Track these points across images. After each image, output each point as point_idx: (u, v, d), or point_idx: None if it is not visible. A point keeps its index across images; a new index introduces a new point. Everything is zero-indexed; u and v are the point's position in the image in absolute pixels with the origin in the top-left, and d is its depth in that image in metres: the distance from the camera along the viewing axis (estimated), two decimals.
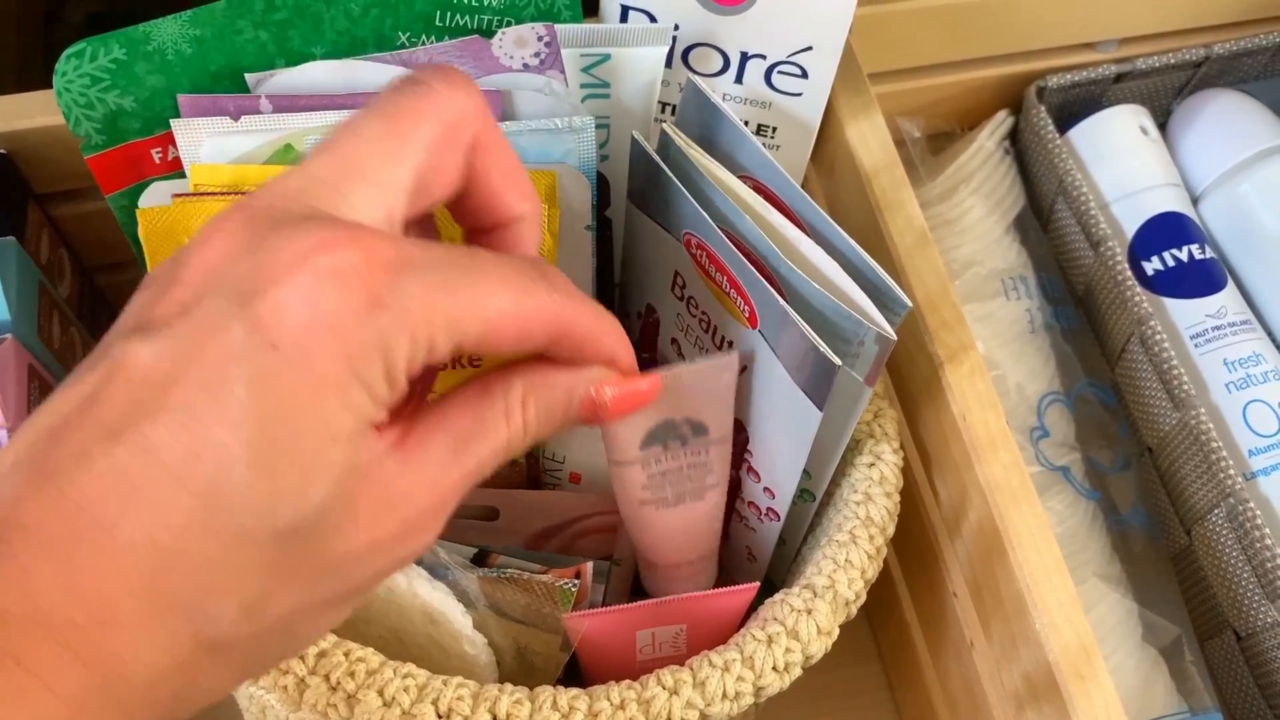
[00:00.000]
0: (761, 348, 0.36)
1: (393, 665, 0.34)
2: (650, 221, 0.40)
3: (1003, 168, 0.55)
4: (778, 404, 0.37)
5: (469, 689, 0.34)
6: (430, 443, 0.25)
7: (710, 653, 0.36)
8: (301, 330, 0.22)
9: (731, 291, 0.37)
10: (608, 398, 0.29)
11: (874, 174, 0.43)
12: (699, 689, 0.35)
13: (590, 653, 0.39)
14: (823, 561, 0.38)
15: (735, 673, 0.35)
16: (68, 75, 0.36)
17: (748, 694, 0.36)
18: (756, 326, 0.36)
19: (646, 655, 0.39)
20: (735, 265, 0.36)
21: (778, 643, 0.36)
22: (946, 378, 0.39)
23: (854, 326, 0.34)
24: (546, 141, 0.37)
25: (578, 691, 0.35)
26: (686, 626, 0.38)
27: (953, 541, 0.41)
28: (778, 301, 0.34)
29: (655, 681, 0.35)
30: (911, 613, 0.46)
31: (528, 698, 0.34)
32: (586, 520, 0.42)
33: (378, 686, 0.34)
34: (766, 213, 0.37)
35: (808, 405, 0.36)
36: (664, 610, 0.37)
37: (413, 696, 0.34)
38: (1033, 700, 0.36)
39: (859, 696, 0.50)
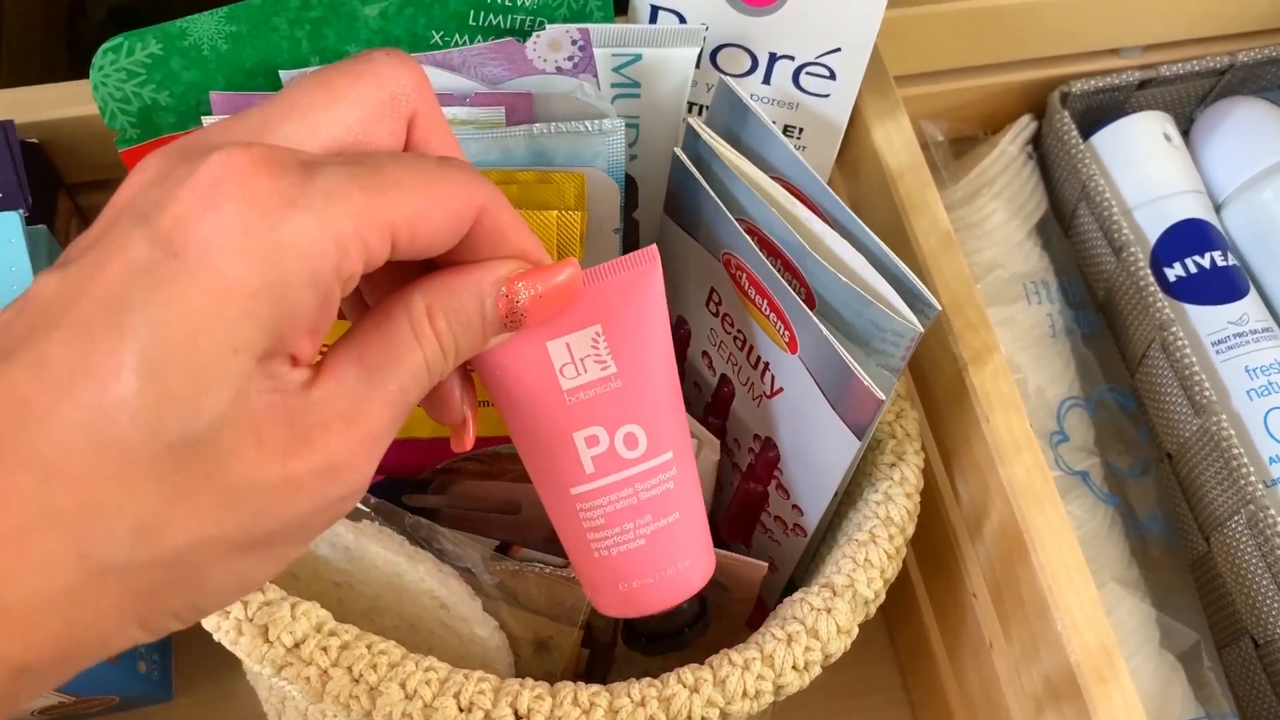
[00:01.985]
0: (800, 373, 0.37)
1: (414, 658, 0.35)
2: (687, 236, 0.40)
3: (1025, 172, 0.55)
4: (814, 429, 0.37)
5: (490, 683, 0.34)
6: (341, 374, 0.24)
7: (730, 651, 0.36)
8: (204, 237, 0.22)
9: (771, 315, 0.37)
10: (524, 296, 0.27)
11: (899, 175, 0.44)
12: (719, 687, 0.35)
13: (508, 396, 0.32)
14: (842, 560, 0.38)
15: (756, 671, 0.36)
16: (104, 69, 0.37)
17: (768, 692, 0.36)
18: (796, 352, 0.36)
19: (574, 382, 0.32)
20: (777, 290, 0.36)
21: (797, 641, 0.36)
22: (970, 379, 0.39)
23: (887, 324, 0.35)
24: (575, 144, 0.37)
25: (598, 688, 0.35)
26: (603, 326, 0.32)
27: (973, 542, 0.41)
28: (820, 330, 0.35)
29: (676, 679, 0.35)
30: (929, 613, 0.46)
31: (549, 693, 0.35)
32: None
33: (400, 679, 0.34)
34: (794, 208, 0.37)
35: (846, 435, 0.36)
36: (571, 313, 0.31)
37: (434, 690, 0.34)
38: (1053, 701, 0.36)
39: (874, 696, 0.51)
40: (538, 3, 0.38)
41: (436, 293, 0.26)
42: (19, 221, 0.41)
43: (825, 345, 0.35)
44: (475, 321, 0.27)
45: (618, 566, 0.34)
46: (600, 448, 0.33)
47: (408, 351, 0.25)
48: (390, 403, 0.25)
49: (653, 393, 0.33)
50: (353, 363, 0.25)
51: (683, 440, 0.34)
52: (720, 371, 0.42)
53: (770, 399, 0.39)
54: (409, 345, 0.25)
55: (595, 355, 0.32)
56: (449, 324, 0.26)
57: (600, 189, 0.37)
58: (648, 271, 0.32)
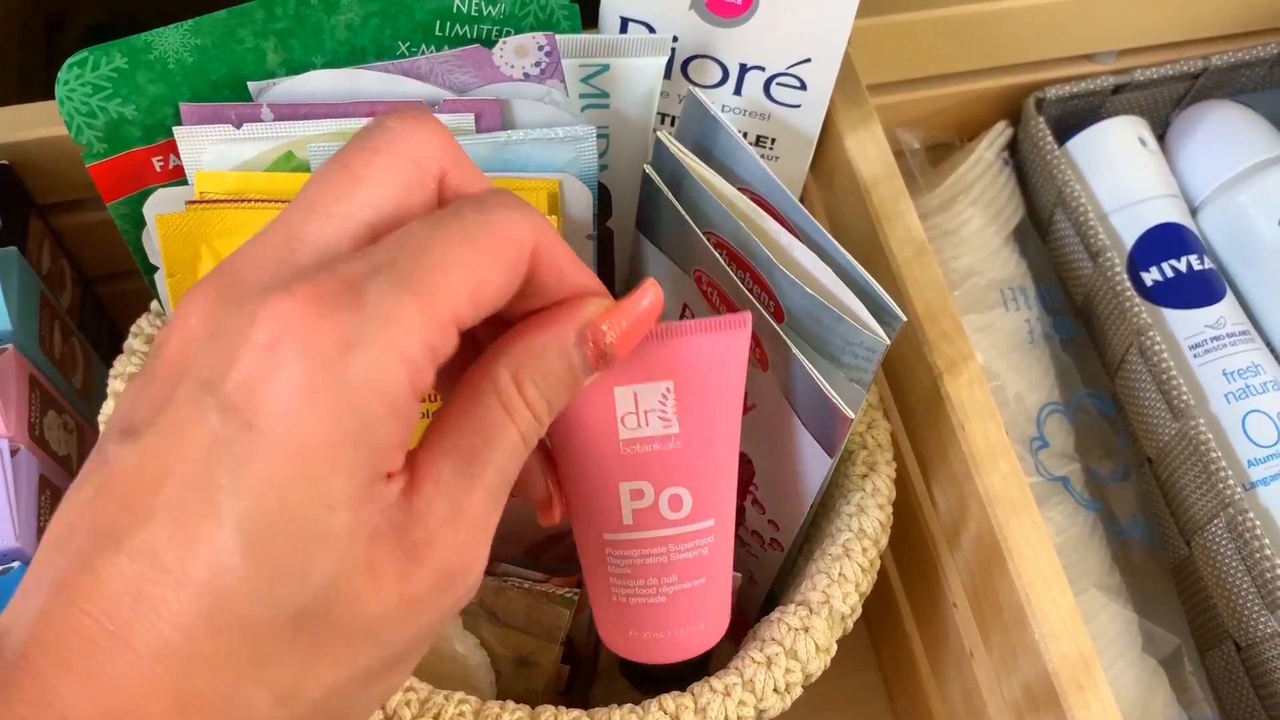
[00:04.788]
0: (772, 391, 0.36)
1: (444, 695, 0.34)
2: (659, 253, 0.40)
3: (1001, 179, 0.55)
4: (788, 446, 0.37)
5: (470, 705, 0.34)
6: (437, 473, 0.24)
7: (710, 678, 0.36)
8: (274, 403, 0.21)
9: None
10: (611, 337, 0.26)
11: (873, 185, 0.44)
12: (700, 714, 0.35)
13: (565, 432, 0.31)
14: (816, 576, 0.38)
15: (737, 697, 0.35)
16: (69, 84, 0.36)
17: (749, 717, 0.35)
18: (767, 370, 0.36)
19: (631, 433, 0.31)
20: (746, 309, 0.36)
21: (777, 664, 0.36)
22: (945, 388, 0.39)
23: (854, 337, 0.34)
24: (547, 151, 0.37)
25: (579, 712, 0.35)
26: (675, 384, 0.31)
27: (952, 552, 0.41)
28: (790, 349, 0.34)
29: (657, 706, 0.35)
30: (911, 623, 0.46)
31: (529, 715, 0.34)
32: None
33: (432, 713, 0.34)
34: (762, 221, 0.37)
35: (819, 451, 0.36)
36: (645, 356, 0.30)
37: (414, 711, 0.34)
38: (1032, 710, 0.36)
39: (858, 707, 0.50)
40: (504, 13, 0.38)
41: (521, 358, 0.25)
42: None
43: (795, 364, 0.35)
44: (565, 377, 0.26)
45: (633, 615, 0.33)
46: (643, 502, 0.32)
47: (501, 431, 0.24)
48: (491, 491, 0.24)
49: (711, 460, 0.32)
50: (447, 456, 0.24)
51: (728, 508, 0.33)
52: None
53: (745, 414, 0.39)
54: (502, 424, 0.24)
55: (660, 411, 0.31)
56: (539, 389, 0.25)
57: (574, 196, 0.37)
58: (735, 337, 0.31)
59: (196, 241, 0.34)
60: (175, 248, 0.35)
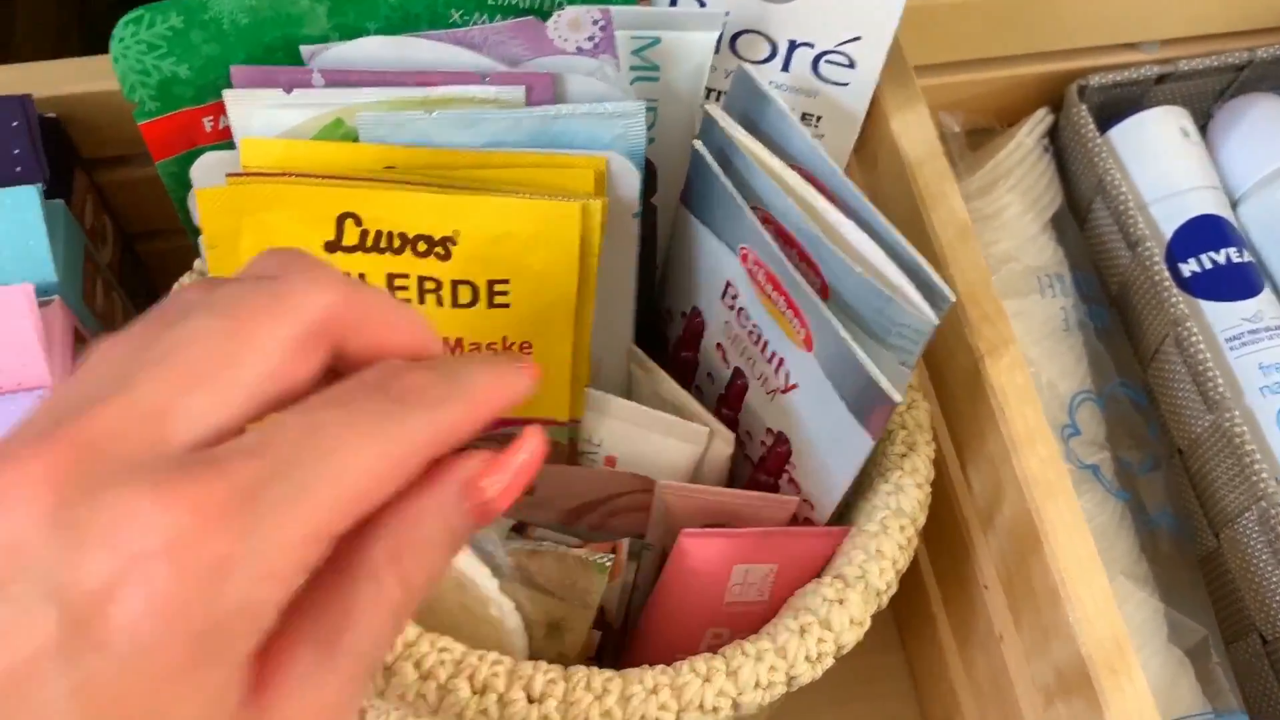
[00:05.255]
0: (815, 371, 0.36)
1: (429, 637, 0.35)
2: (703, 228, 0.40)
3: (1041, 165, 0.55)
4: (828, 427, 0.37)
5: (504, 665, 0.35)
6: (294, 663, 0.21)
7: (743, 642, 0.36)
8: (134, 624, 0.19)
9: (788, 313, 0.37)
10: (493, 494, 0.24)
11: (917, 165, 0.44)
12: (732, 677, 0.35)
13: (684, 583, 0.39)
14: (853, 552, 0.38)
15: (768, 662, 0.35)
16: (124, 41, 0.37)
17: (780, 683, 0.36)
18: (812, 350, 0.36)
19: (734, 596, 0.39)
20: (793, 289, 0.36)
21: (810, 633, 0.36)
22: (986, 370, 0.39)
23: (901, 317, 0.35)
24: (595, 126, 0.37)
25: (611, 673, 0.35)
26: (778, 567, 0.38)
27: (985, 534, 0.41)
28: (837, 330, 0.34)
29: (689, 668, 0.35)
30: (939, 604, 0.46)
31: (562, 676, 0.35)
32: (621, 498, 0.42)
33: (414, 659, 0.34)
34: (811, 197, 0.37)
35: (860, 433, 0.36)
36: (764, 544, 0.38)
37: (449, 670, 0.34)
38: (1063, 693, 0.36)
39: (880, 685, 0.51)
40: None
41: (396, 533, 0.22)
42: (37, 196, 0.41)
43: (842, 346, 0.35)
44: (446, 542, 0.23)
45: None
46: (719, 640, 0.39)
47: (371, 614, 0.22)
48: (355, 678, 0.22)
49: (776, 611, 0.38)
50: (306, 644, 0.21)
51: None
52: (734, 364, 0.41)
53: (784, 394, 0.39)
54: (372, 607, 0.22)
55: (758, 586, 0.39)
56: (419, 560, 0.22)
57: (621, 174, 0.37)
58: (832, 543, 0.38)
59: (239, 215, 0.34)
60: (216, 221, 0.35)
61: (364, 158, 0.36)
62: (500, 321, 0.37)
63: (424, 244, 0.35)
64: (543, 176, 0.36)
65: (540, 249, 0.35)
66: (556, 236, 0.35)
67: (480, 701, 0.34)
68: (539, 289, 0.36)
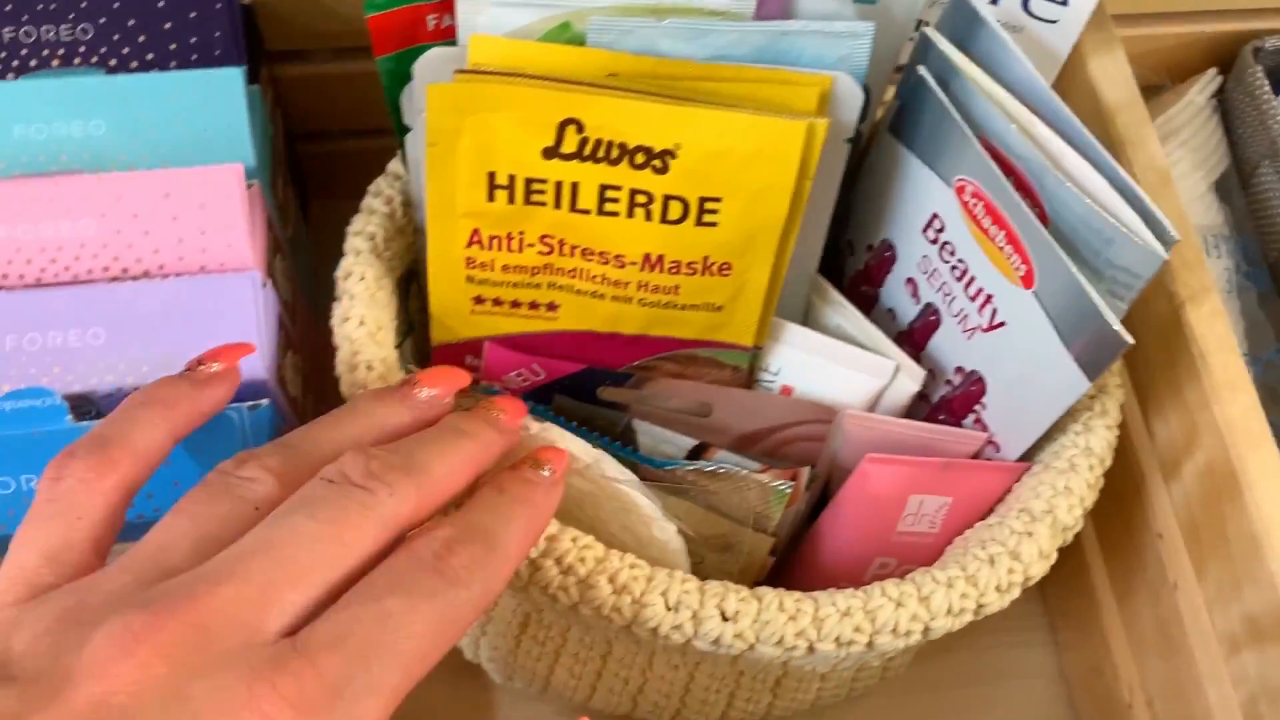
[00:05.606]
0: (1032, 309, 0.36)
1: (617, 554, 0.35)
2: (913, 158, 0.39)
3: (1210, 125, 0.54)
4: (1037, 367, 0.37)
5: (695, 584, 0.35)
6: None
7: (933, 568, 0.36)
8: None
9: (1007, 248, 0.36)
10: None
11: (1116, 110, 0.43)
12: (924, 603, 0.35)
13: (858, 508, 0.39)
14: (1040, 487, 0.38)
15: (959, 589, 0.36)
16: None
17: (969, 611, 0.36)
18: (1032, 287, 0.36)
19: (906, 526, 0.39)
20: (1020, 222, 0.35)
21: (1000, 562, 0.36)
22: (1187, 317, 0.39)
23: (1126, 252, 0.34)
24: (822, 45, 0.36)
25: (801, 595, 0.35)
26: (952, 501, 0.38)
27: (1167, 482, 0.41)
28: (1067, 267, 0.34)
29: (880, 592, 0.35)
30: (1095, 552, 0.46)
31: (754, 596, 0.35)
32: (796, 427, 0.42)
33: (608, 573, 0.34)
34: (1032, 126, 0.37)
35: (1076, 375, 0.35)
36: (943, 475, 0.38)
37: (642, 586, 0.34)
38: (1254, 642, 0.36)
39: (1017, 634, 0.51)
40: None
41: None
42: (241, 79, 0.41)
43: (1070, 283, 0.34)
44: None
45: None
46: (886, 570, 0.41)
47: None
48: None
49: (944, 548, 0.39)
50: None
51: None
52: (926, 300, 0.41)
53: (986, 333, 0.38)
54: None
55: (931, 517, 0.39)
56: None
57: (845, 95, 0.36)
58: (1009, 478, 0.39)
59: (463, 113, 0.34)
60: (440, 118, 0.34)
61: (588, 63, 0.35)
62: (705, 240, 0.37)
63: (642, 155, 0.35)
64: (766, 92, 0.35)
65: (759, 167, 0.35)
66: (777, 155, 0.35)
67: (675, 617, 0.34)
68: (750, 209, 0.36)
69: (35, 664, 0.22)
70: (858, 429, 0.40)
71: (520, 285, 0.39)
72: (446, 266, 0.38)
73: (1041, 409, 0.37)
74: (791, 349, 0.41)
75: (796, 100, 0.35)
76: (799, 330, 0.41)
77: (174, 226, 0.38)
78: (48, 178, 0.38)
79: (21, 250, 0.38)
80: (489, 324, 0.40)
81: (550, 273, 0.38)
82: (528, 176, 0.35)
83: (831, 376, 0.41)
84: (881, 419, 0.40)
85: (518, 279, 0.38)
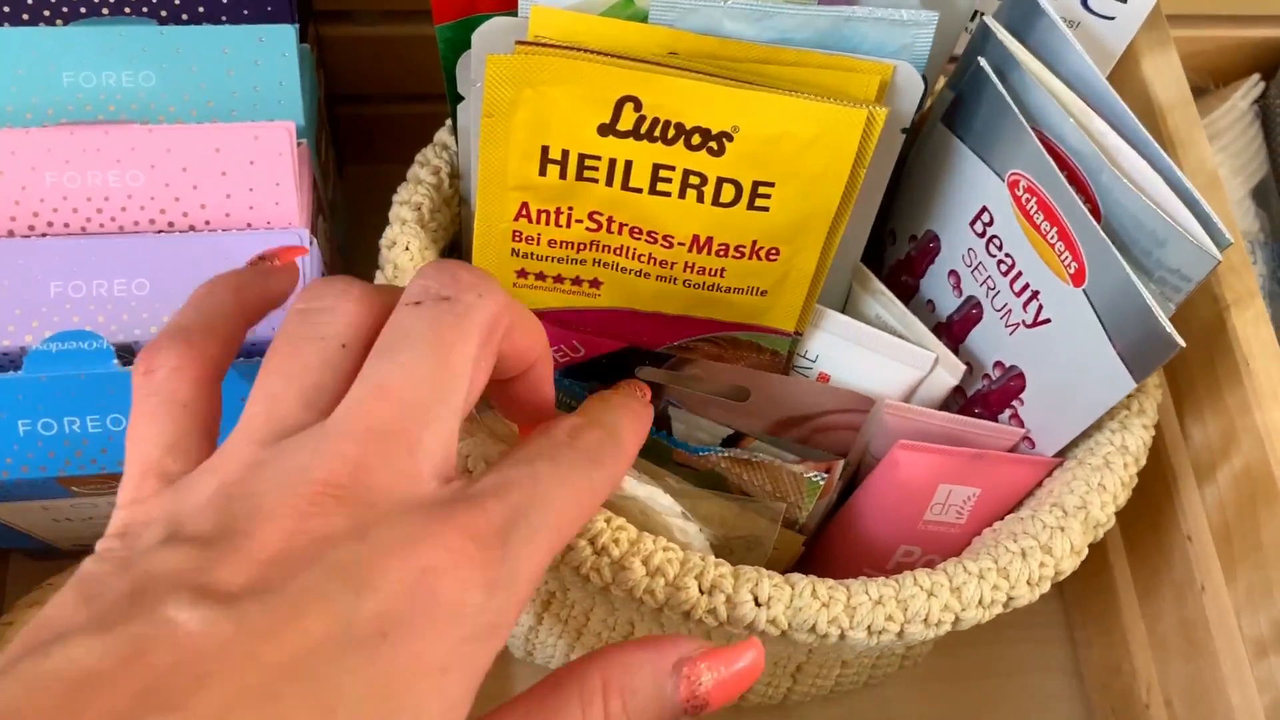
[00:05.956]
0: (1080, 307, 0.36)
1: (650, 537, 0.34)
2: (965, 150, 0.39)
3: (1251, 131, 0.54)
4: (1082, 365, 0.36)
5: (729, 568, 0.34)
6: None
7: (965, 560, 0.36)
8: (416, 625, 0.21)
9: (1059, 244, 0.36)
10: (707, 681, 0.26)
11: (1168, 110, 0.43)
12: (956, 593, 0.35)
13: (887, 495, 0.39)
14: (1074, 483, 0.38)
15: (991, 581, 0.36)
16: None
17: (1000, 603, 0.36)
18: (1082, 285, 0.35)
19: (933, 515, 0.39)
20: (1074, 219, 0.35)
21: (1031, 556, 0.36)
22: (1232, 321, 0.39)
23: (1179, 252, 0.34)
24: (886, 32, 0.36)
25: (834, 582, 0.35)
26: (980, 492, 0.38)
27: (1200, 485, 0.41)
28: (1122, 266, 0.34)
29: (912, 582, 0.35)
30: (1119, 552, 0.46)
31: (787, 582, 0.35)
32: (832, 415, 0.42)
33: (641, 555, 0.34)
34: (1088, 120, 0.36)
35: (1123, 375, 0.35)
36: (973, 466, 0.38)
37: (676, 570, 0.34)
38: None
39: (1032, 629, 0.51)
40: None
41: (613, 669, 0.25)
42: (294, 36, 0.40)
43: (1124, 282, 0.34)
44: (653, 704, 0.25)
45: None
46: (910, 559, 0.41)
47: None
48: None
49: (968, 541, 0.39)
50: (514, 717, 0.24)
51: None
52: (969, 294, 0.41)
53: (1030, 329, 0.38)
54: (573, 715, 0.25)
55: (958, 508, 0.39)
56: (625, 704, 0.25)
57: (906, 84, 0.36)
58: (1039, 472, 0.39)
59: (520, 85, 0.34)
60: (498, 89, 0.34)
61: (649, 40, 0.35)
62: (755, 224, 0.36)
63: (699, 136, 0.34)
64: (826, 78, 0.35)
65: (816, 153, 0.35)
66: (835, 142, 0.34)
67: (709, 601, 0.34)
68: (803, 195, 0.36)
69: (211, 529, 0.22)
70: (895, 420, 0.40)
71: (565, 261, 0.38)
72: (492, 239, 0.37)
73: (1083, 407, 0.37)
74: (831, 336, 0.41)
75: (857, 87, 0.35)
76: (840, 318, 0.41)
77: (222, 182, 0.38)
78: (97, 126, 0.38)
79: (68, 198, 0.38)
80: (531, 298, 0.39)
81: (596, 249, 0.38)
82: (581, 152, 0.35)
83: (870, 365, 0.41)
84: (919, 410, 0.40)
85: (563, 254, 0.38)
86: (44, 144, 0.38)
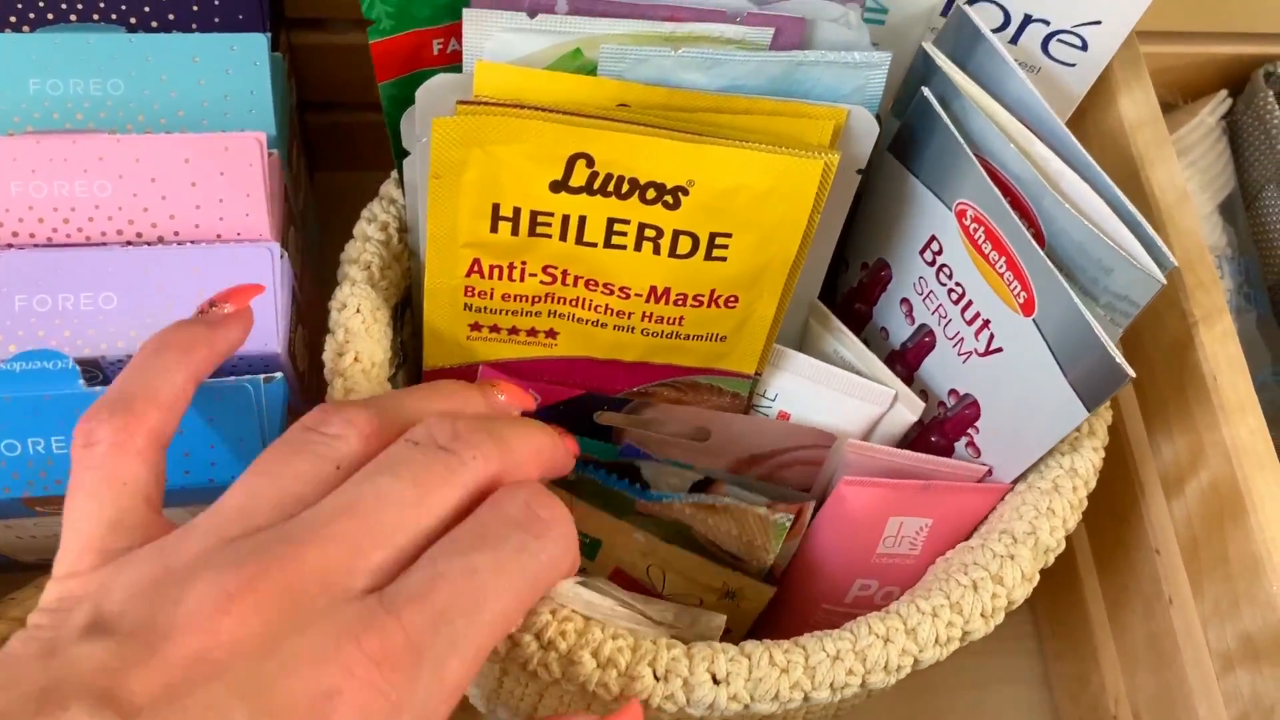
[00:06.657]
0: (1030, 336, 0.35)
1: (598, 624, 0.33)
2: (912, 179, 0.39)
3: (1219, 147, 0.54)
4: (1034, 394, 0.36)
5: (681, 649, 0.33)
6: None
7: (916, 599, 0.36)
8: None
9: (1008, 274, 0.36)
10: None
11: (1137, 126, 0.43)
12: (911, 635, 0.35)
13: (838, 531, 0.39)
14: (1023, 508, 0.37)
15: (945, 619, 0.35)
16: None
17: (955, 639, 0.35)
18: (1032, 315, 0.35)
19: (886, 548, 0.39)
20: (1021, 249, 0.35)
21: (984, 588, 0.36)
22: (1200, 337, 0.39)
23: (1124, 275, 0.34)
24: (838, 76, 0.35)
25: (789, 644, 0.34)
26: (932, 522, 0.38)
27: (1169, 499, 0.41)
28: (1070, 297, 0.33)
29: (868, 630, 0.34)
30: (1089, 567, 0.47)
31: (742, 654, 0.33)
32: (794, 452, 0.42)
33: (590, 647, 0.32)
34: (1030, 145, 0.36)
35: (1076, 405, 0.35)
36: (922, 497, 0.38)
37: (628, 658, 0.33)
38: (1249, 660, 0.37)
39: (1003, 642, 0.50)
40: None
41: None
42: (266, 44, 0.40)
43: (1072, 313, 0.34)
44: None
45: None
46: (867, 592, 0.41)
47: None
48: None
49: (925, 570, 0.39)
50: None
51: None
52: (921, 321, 0.41)
53: (983, 357, 0.38)
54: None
55: (911, 539, 0.39)
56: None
57: (860, 128, 0.35)
58: (990, 498, 0.39)
59: (469, 145, 0.33)
60: (445, 151, 0.33)
61: (598, 93, 0.34)
62: (713, 273, 0.36)
63: (654, 191, 0.34)
64: (779, 126, 0.34)
65: (773, 203, 0.34)
66: (791, 191, 0.34)
67: (665, 688, 0.33)
68: (761, 244, 0.35)
69: (131, 621, 0.22)
70: (856, 457, 0.39)
71: (520, 313, 0.37)
72: (444, 295, 0.37)
73: (1037, 435, 0.37)
74: (791, 375, 0.41)
75: (811, 133, 0.34)
76: (799, 357, 0.40)
77: (192, 193, 0.38)
78: (64, 135, 0.38)
79: (34, 209, 0.37)
80: (485, 349, 0.39)
81: (552, 301, 0.37)
82: (534, 209, 0.34)
83: (829, 403, 0.41)
84: (880, 449, 0.39)
85: (518, 307, 0.37)
86: (9, 153, 0.37)
